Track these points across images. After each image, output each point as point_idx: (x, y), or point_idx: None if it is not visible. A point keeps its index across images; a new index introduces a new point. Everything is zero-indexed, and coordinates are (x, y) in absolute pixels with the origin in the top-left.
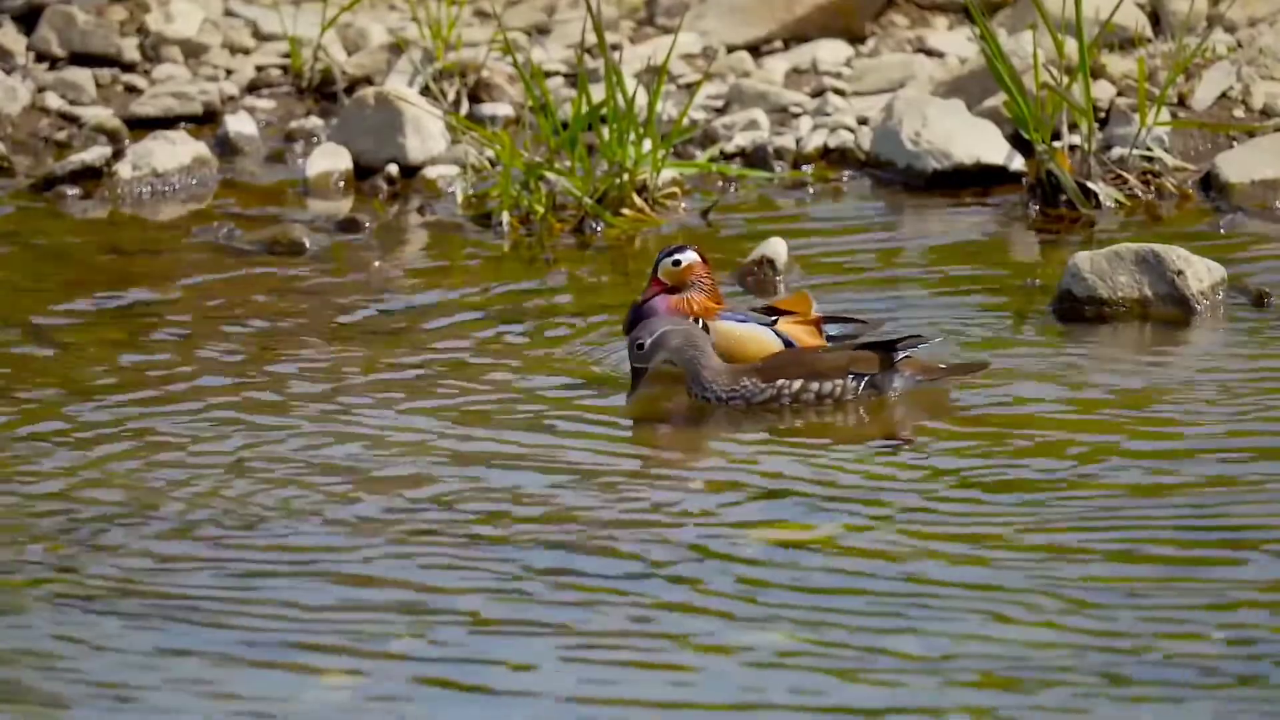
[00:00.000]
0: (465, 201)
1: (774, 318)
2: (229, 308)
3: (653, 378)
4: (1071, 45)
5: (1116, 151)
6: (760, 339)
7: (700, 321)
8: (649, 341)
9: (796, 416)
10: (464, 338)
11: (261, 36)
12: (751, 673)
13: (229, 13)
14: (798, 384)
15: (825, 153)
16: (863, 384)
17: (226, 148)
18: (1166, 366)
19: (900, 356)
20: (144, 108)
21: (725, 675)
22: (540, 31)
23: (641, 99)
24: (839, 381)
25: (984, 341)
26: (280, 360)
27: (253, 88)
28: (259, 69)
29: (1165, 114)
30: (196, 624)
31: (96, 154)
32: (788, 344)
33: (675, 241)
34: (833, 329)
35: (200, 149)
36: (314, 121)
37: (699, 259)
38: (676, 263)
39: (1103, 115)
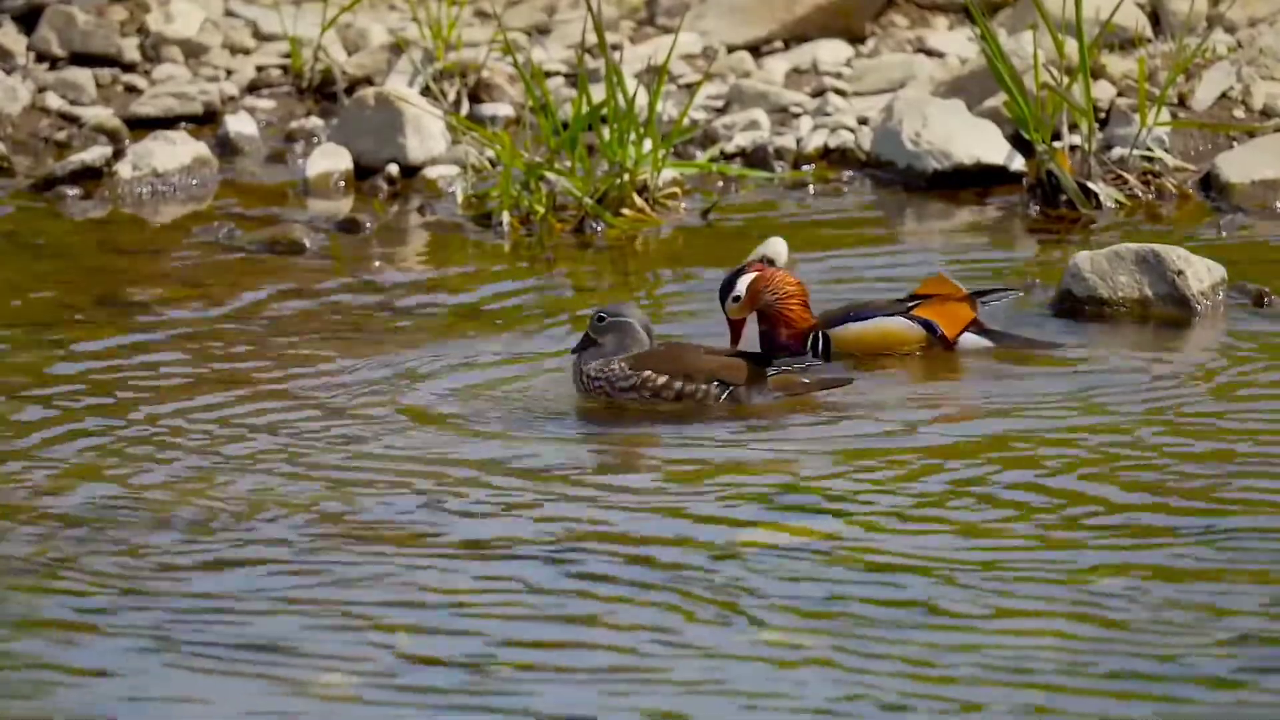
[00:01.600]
0: (465, 201)
1: (913, 303)
2: (229, 308)
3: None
4: (1072, 45)
5: (1117, 152)
6: (890, 329)
7: (817, 335)
8: (609, 320)
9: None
10: (464, 338)
11: (262, 37)
12: (751, 673)
13: (229, 13)
14: (662, 379)
15: (826, 153)
16: (725, 393)
17: (227, 148)
18: (1166, 366)
19: (772, 373)
20: (144, 108)
21: (724, 675)
22: (540, 31)
23: (642, 99)
24: (702, 386)
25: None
26: (280, 360)
27: (253, 88)
28: (259, 69)
29: (1165, 114)
30: (196, 624)
31: (96, 154)
32: (929, 328)
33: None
34: (986, 302)
35: (200, 149)
36: (314, 121)
37: (754, 275)
38: (736, 299)
39: (1103, 115)
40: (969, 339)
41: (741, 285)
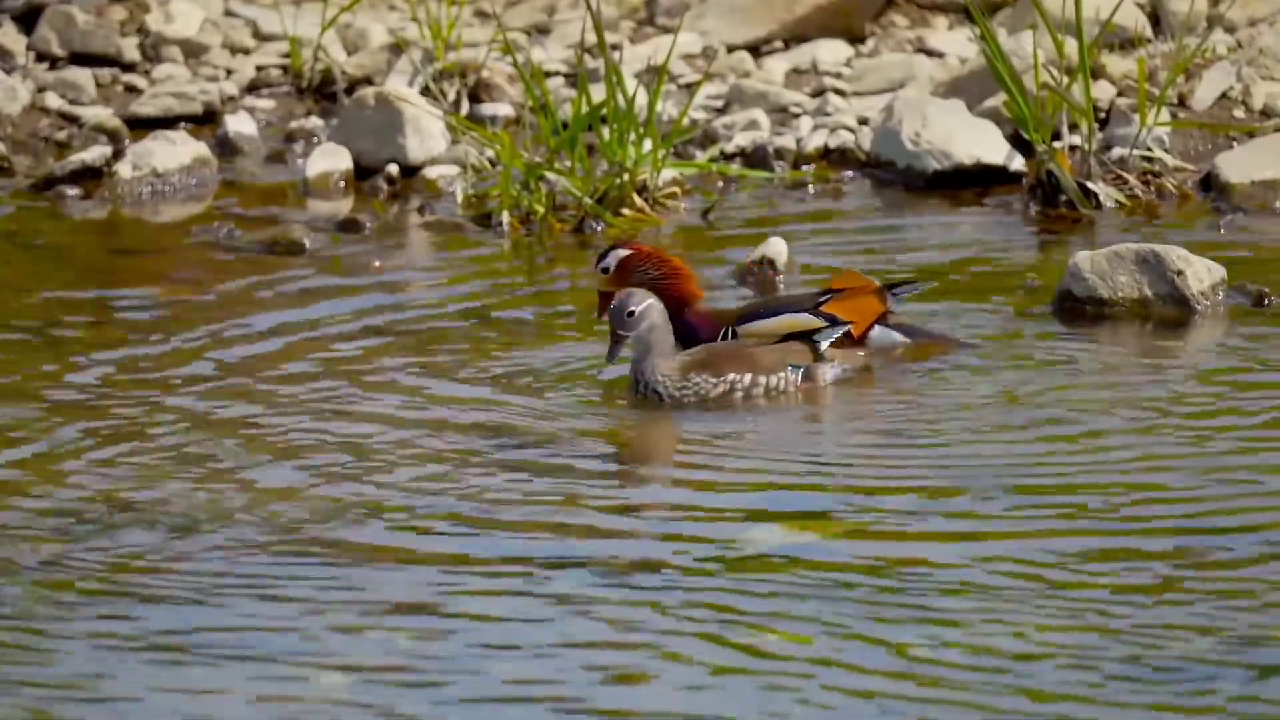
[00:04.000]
0: (465, 201)
1: (824, 298)
2: (229, 308)
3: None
4: (1071, 45)
5: (1117, 152)
6: (795, 324)
7: (728, 331)
8: (637, 310)
9: (765, 410)
10: (464, 338)
11: (261, 36)
12: (751, 672)
13: (229, 13)
14: (748, 378)
15: (825, 153)
16: (800, 375)
17: (226, 148)
18: (1166, 366)
19: (824, 347)
20: (144, 108)
21: (724, 678)
22: (540, 31)
23: (641, 99)
24: (781, 375)
25: (984, 340)
26: (280, 360)
27: (253, 88)
28: (259, 69)
29: (1165, 114)
30: (196, 623)
31: (96, 154)
32: (834, 324)
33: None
34: (897, 294)
35: (200, 149)
36: (314, 121)
37: (629, 252)
38: (605, 270)
39: (1103, 115)
40: (880, 334)
41: (612, 258)
